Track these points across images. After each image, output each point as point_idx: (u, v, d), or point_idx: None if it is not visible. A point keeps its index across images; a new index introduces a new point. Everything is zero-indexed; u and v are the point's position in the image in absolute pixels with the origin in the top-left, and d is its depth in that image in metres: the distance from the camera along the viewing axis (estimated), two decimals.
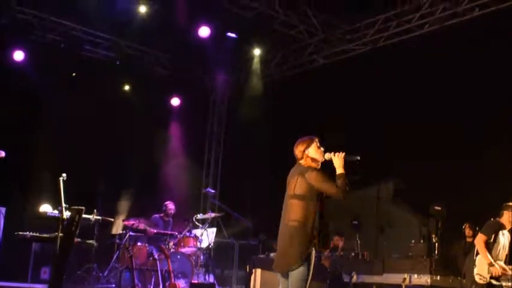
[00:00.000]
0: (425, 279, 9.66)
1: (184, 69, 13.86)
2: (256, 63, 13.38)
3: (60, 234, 6.78)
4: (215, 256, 11.40)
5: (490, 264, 7.90)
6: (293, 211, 5.64)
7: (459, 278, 9.90)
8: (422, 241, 10.58)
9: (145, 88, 13.42)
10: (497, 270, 7.89)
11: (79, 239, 7.25)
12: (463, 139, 10.92)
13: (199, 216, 11.39)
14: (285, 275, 5.65)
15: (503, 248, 8.15)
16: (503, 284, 7.99)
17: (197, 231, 11.23)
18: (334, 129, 12.35)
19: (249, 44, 13.13)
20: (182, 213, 11.65)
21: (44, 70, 12.20)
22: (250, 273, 9.34)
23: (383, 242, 9.97)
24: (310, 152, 5.85)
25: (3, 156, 6.94)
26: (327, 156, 5.80)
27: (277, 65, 13.67)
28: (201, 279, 10.64)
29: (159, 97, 13.91)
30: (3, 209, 9.44)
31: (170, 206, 11.44)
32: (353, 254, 10.73)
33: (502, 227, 8.14)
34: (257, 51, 13.31)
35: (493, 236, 8.04)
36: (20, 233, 7.18)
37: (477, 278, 7.96)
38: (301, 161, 5.86)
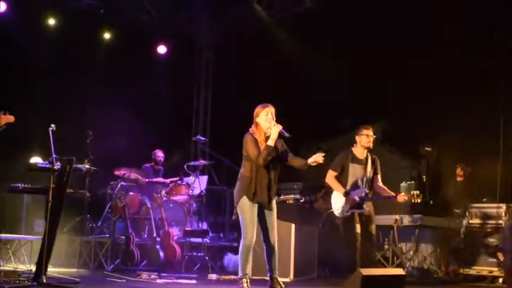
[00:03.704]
0: (417, 219, 9.76)
1: (170, 14, 13.67)
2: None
3: (52, 185, 6.78)
4: (207, 203, 11.44)
5: (345, 194, 7.92)
6: (241, 168, 6.86)
7: (449, 217, 10.06)
8: (413, 182, 10.62)
9: (130, 36, 13.25)
10: (352, 198, 7.89)
11: (71, 190, 7.25)
12: (452, 77, 10.82)
13: (191, 163, 11.42)
14: None
15: (359, 175, 8.05)
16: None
17: (189, 179, 11.26)
18: (323, 73, 12.30)
19: None
20: (173, 161, 11.68)
21: (27, 20, 12.01)
22: (237, 218, 9.36)
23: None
24: (260, 118, 6.80)
25: (12, 121, 6.85)
26: (270, 124, 6.72)
27: (264, 8, 13.47)
28: (194, 227, 10.71)
29: (144, 45, 13.74)
30: None
31: (159, 153, 11.47)
32: None
33: (350, 154, 8.09)
34: None
35: (342, 167, 8.03)
36: (12, 184, 7.17)
37: (336, 213, 8.00)
38: (253, 125, 6.84)
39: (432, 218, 9.81)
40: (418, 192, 7.93)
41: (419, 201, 7.93)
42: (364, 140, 8.11)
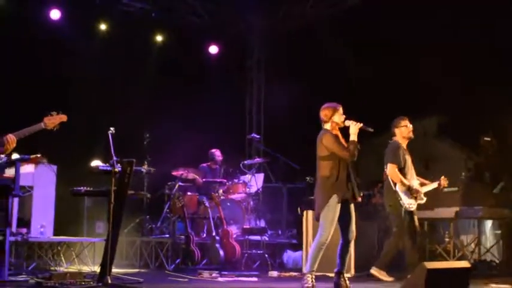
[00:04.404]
0: (478, 211, 9.57)
1: (221, 14, 13.73)
2: None
3: (114, 188, 6.88)
4: (264, 201, 11.46)
5: (410, 189, 7.87)
6: (319, 170, 6.91)
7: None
8: (473, 173, 10.45)
9: (182, 38, 13.37)
10: (418, 190, 7.93)
11: (132, 191, 7.36)
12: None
13: (246, 162, 11.46)
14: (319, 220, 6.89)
15: (411, 167, 8.07)
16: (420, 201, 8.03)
17: (245, 177, 11.31)
18: (375, 67, 12.20)
19: None
20: (228, 160, 11.72)
21: (80, 28, 12.23)
22: (302, 215, 9.37)
23: (430, 177, 9.91)
24: (335, 118, 6.93)
25: (65, 120, 7.00)
26: (347, 123, 6.87)
27: (313, 5, 13.42)
28: (252, 225, 10.75)
29: (196, 46, 13.83)
30: (54, 167, 9.59)
31: (217, 153, 11.51)
32: None
33: (400, 146, 8.01)
34: None
35: (402, 160, 7.93)
36: (75, 188, 7.30)
37: (408, 207, 7.86)
38: (325, 125, 6.96)
39: (494, 209, 9.61)
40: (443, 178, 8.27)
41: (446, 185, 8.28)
42: (405, 130, 8.13)
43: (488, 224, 10.51)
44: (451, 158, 11.56)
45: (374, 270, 8.06)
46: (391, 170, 7.96)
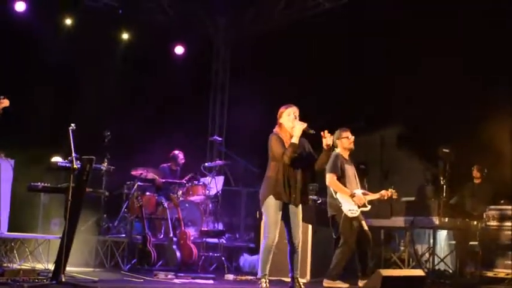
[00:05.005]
0: (433, 221, 9.69)
1: (188, 14, 13.68)
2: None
3: (72, 185, 6.81)
4: (223, 204, 11.45)
5: (352, 196, 8.01)
6: (267, 170, 6.88)
7: (466, 219, 10.01)
8: (430, 184, 10.62)
9: (147, 37, 13.28)
10: (360, 197, 8.04)
11: (90, 189, 7.29)
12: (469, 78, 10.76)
13: (207, 164, 11.44)
14: None
15: (353, 177, 8.24)
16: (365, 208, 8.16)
17: (205, 180, 11.28)
18: (338, 75, 12.28)
19: None
20: (189, 162, 11.68)
21: (45, 21, 12.08)
22: (260, 219, 9.38)
23: (390, 187, 10.07)
24: (283, 119, 6.89)
25: (8, 105, 6.89)
26: (294, 123, 6.77)
27: (281, 10, 13.45)
28: (210, 227, 10.73)
29: (162, 45, 13.76)
30: (12, 161, 9.43)
31: (181, 156, 11.45)
32: None
33: (341, 157, 8.18)
34: None
35: (341, 170, 8.09)
36: (32, 183, 7.20)
37: (350, 214, 7.98)
38: (276, 127, 6.93)
39: (449, 219, 9.74)
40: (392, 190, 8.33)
41: (395, 197, 8.36)
42: (346, 142, 8.27)
43: (443, 234, 10.65)
44: (411, 168, 11.69)
45: (327, 283, 8.15)
46: (330, 179, 8.10)
